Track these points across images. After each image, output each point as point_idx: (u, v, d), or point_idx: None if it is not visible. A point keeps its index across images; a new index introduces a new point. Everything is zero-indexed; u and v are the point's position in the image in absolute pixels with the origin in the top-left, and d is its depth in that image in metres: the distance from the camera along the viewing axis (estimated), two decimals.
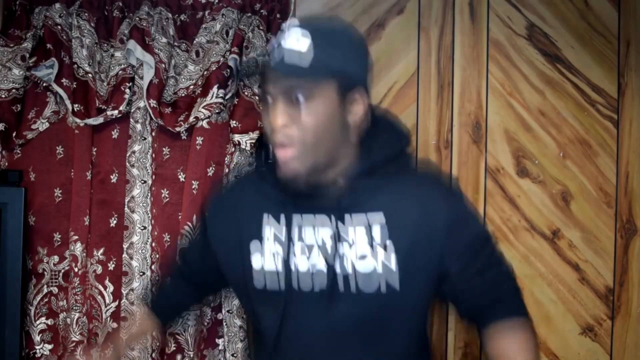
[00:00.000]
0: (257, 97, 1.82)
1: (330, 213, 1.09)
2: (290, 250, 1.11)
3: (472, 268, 1.12)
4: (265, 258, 1.14)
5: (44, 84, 1.82)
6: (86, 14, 1.80)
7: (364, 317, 1.09)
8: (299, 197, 1.10)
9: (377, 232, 1.07)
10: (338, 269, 1.08)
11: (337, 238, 1.08)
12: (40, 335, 1.83)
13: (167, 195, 1.87)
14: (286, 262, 1.11)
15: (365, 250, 1.07)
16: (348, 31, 1.12)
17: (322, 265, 1.09)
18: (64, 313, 1.83)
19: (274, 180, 1.12)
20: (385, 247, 1.07)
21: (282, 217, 1.13)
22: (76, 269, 1.80)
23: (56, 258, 1.84)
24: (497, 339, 1.15)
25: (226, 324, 1.87)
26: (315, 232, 1.10)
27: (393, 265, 1.06)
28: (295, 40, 1.00)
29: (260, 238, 1.15)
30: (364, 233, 1.07)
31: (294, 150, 1.03)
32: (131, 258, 1.83)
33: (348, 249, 1.07)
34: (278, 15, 1.86)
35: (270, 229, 1.14)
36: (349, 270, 1.08)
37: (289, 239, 1.11)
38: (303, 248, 1.10)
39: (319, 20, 1.09)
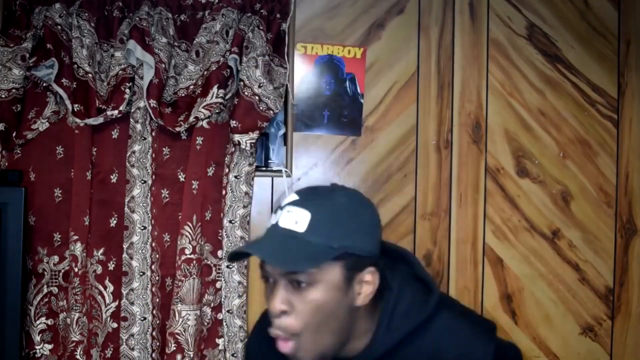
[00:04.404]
0: (257, 97, 1.82)
1: None
2: None
3: None
4: None
5: (44, 84, 1.82)
6: (86, 14, 1.80)
7: None
8: None
9: None
10: None
11: None
12: (40, 335, 1.83)
13: (167, 195, 1.87)
14: None
15: None
16: (354, 202, 0.98)
17: None
18: (64, 313, 1.83)
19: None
20: None
21: None
22: (76, 269, 1.80)
23: (56, 258, 1.84)
24: None
25: (226, 324, 1.87)
26: None
27: None
28: (294, 222, 0.92)
29: None
30: None
31: (293, 343, 0.94)
32: (131, 258, 1.83)
33: None
34: (278, 15, 1.86)
35: None
36: None
37: None
38: None
39: (321, 193, 0.98)
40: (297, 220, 0.92)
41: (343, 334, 0.97)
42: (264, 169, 1.94)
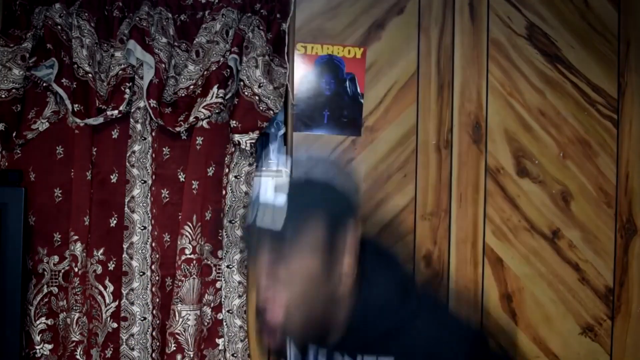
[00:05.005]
0: (257, 97, 1.82)
1: (344, 352, 1.05)
2: None
3: None
4: None
5: (44, 84, 1.82)
6: (86, 14, 1.80)
7: None
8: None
9: None
10: None
11: None
12: (40, 335, 1.83)
13: (167, 195, 1.87)
14: None
15: None
16: (334, 174, 1.07)
17: None
18: (64, 313, 1.83)
19: None
20: None
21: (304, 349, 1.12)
22: (76, 269, 1.80)
23: (56, 258, 1.84)
24: None
25: (226, 324, 1.87)
26: None
27: None
28: (271, 199, 0.97)
29: None
30: None
31: (281, 312, 0.98)
32: (131, 258, 1.83)
33: None
34: (278, 15, 1.86)
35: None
36: None
37: None
38: None
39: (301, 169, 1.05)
40: (274, 196, 0.97)
41: (329, 297, 1.00)
42: (264, 169, 1.94)
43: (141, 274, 1.83)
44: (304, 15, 1.90)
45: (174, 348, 1.81)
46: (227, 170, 1.87)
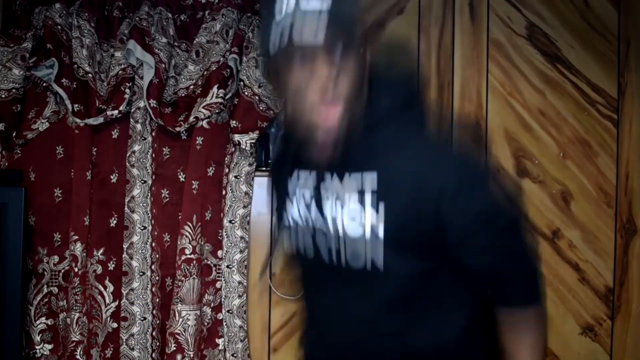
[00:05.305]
0: (257, 97, 1.82)
1: (330, 170, 1.05)
2: (294, 203, 1.11)
3: (474, 245, 1.02)
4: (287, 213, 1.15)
5: (44, 84, 1.82)
6: (86, 14, 1.80)
7: (353, 293, 1.04)
8: (305, 152, 1.05)
9: (369, 194, 1.00)
10: (331, 231, 1.05)
11: (333, 196, 1.04)
12: (40, 335, 1.83)
13: (167, 195, 1.87)
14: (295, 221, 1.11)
15: (356, 212, 1.01)
16: None
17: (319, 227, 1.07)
18: (64, 313, 1.83)
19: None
20: (377, 210, 0.99)
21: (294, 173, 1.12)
22: (76, 269, 1.80)
23: (56, 258, 1.84)
24: (503, 331, 1.06)
25: (226, 324, 1.87)
26: (312, 189, 1.07)
27: (381, 233, 0.99)
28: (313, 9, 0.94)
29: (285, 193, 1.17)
30: (356, 194, 1.01)
31: (339, 108, 0.96)
32: (131, 258, 1.83)
33: (340, 209, 1.03)
34: None
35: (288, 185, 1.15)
36: (340, 233, 1.03)
37: (292, 193, 1.12)
38: (303, 204, 1.09)
39: None
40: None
41: (365, 102, 1.01)
42: (263, 169, 1.94)
43: (141, 274, 1.83)
44: None
45: (174, 348, 1.81)
46: (227, 170, 1.87)
